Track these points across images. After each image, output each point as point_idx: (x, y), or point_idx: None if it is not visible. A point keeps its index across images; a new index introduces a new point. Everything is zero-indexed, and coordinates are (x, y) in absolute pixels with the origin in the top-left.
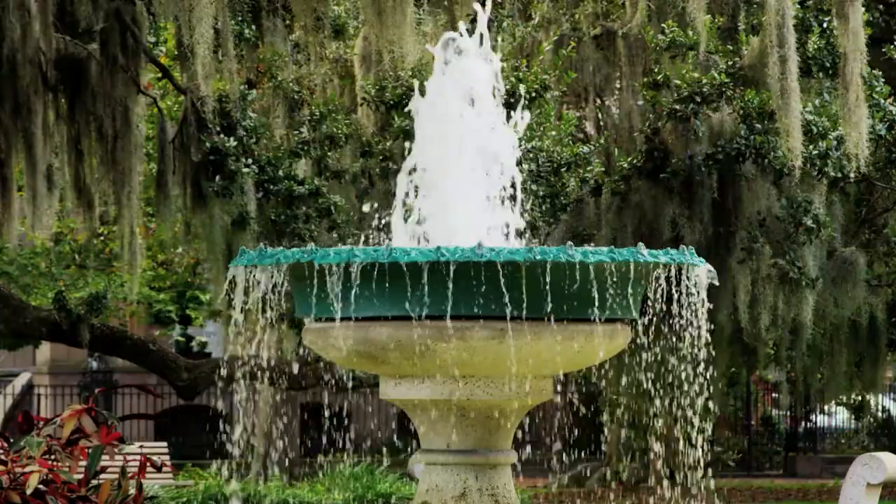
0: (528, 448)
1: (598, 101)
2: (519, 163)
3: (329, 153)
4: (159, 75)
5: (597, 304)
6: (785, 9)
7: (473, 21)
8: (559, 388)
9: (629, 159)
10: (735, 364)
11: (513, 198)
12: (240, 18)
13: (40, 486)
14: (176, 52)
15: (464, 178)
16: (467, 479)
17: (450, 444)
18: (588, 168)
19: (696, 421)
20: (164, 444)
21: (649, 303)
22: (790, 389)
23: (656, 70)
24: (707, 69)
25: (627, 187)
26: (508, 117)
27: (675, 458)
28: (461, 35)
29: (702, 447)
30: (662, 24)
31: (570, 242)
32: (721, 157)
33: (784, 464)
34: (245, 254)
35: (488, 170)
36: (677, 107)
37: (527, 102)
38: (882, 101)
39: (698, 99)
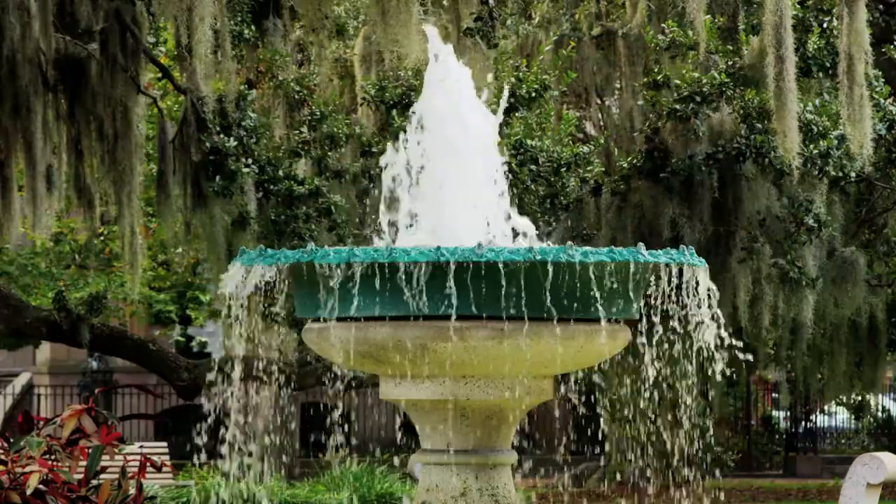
0: (529, 448)
1: (599, 101)
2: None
3: (329, 153)
4: (159, 75)
5: (596, 304)
6: (783, 9)
7: (477, 20)
8: (560, 388)
9: (629, 159)
10: (735, 364)
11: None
12: (239, 19)
13: (40, 486)
14: (176, 52)
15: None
16: (467, 478)
17: (450, 444)
18: (588, 168)
19: (695, 421)
20: (164, 444)
21: (649, 302)
22: (790, 389)
23: (656, 70)
24: (707, 69)
25: (627, 187)
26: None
27: (675, 457)
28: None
29: (701, 447)
30: (662, 24)
31: (570, 242)
32: (721, 157)
33: (784, 464)
34: (245, 253)
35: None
36: (677, 107)
37: (527, 102)
38: (882, 101)
39: (698, 99)
